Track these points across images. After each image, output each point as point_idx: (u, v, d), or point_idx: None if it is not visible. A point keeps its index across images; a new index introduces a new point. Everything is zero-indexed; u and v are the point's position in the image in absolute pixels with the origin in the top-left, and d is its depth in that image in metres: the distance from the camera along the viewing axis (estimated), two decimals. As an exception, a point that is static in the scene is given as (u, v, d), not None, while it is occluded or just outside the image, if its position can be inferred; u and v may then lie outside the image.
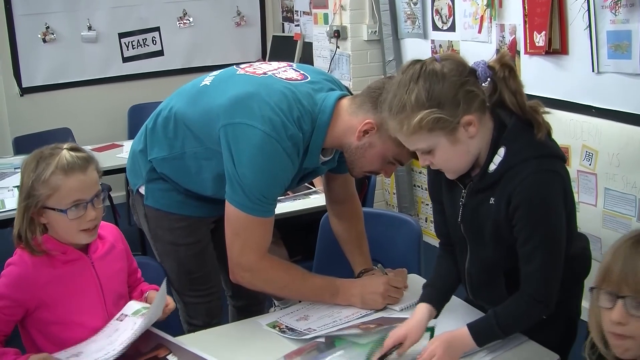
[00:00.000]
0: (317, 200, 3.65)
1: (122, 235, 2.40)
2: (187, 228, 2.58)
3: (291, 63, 2.55)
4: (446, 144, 1.96)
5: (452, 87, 1.93)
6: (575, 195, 3.68)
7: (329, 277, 2.44)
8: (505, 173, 1.99)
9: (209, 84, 2.42)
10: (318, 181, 3.88)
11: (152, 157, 2.51)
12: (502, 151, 2.01)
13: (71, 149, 2.16)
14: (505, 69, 2.02)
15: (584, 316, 2.36)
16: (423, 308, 2.19)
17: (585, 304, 2.41)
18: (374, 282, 2.42)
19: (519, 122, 2.02)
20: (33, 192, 2.08)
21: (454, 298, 2.35)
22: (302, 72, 2.44)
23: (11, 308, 2.08)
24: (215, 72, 2.48)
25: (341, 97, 2.36)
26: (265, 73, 2.37)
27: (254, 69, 2.42)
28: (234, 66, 2.48)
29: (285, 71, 2.42)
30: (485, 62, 2.03)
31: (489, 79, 2.02)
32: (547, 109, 2.08)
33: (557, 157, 2.05)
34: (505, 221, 2.02)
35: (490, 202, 2.04)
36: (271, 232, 2.35)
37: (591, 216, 3.77)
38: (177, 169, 2.48)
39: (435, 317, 2.20)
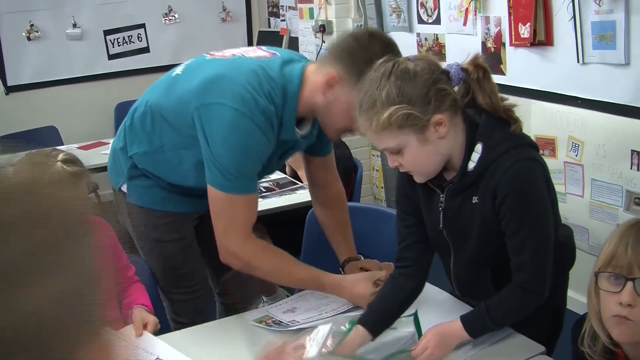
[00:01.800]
0: (303, 195, 3.65)
1: (111, 231, 2.38)
2: (172, 224, 2.57)
3: (261, 46, 2.54)
4: (415, 143, 1.95)
5: (423, 85, 1.93)
6: (562, 187, 3.76)
7: (316, 270, 2.41)
8: (486, 168, 1.99)
9: (180, 72, 2.42)
10: (304, 176, 3.88)
11: (133, 153, 2.50)
12: (479, 147, 2.00)
13: (65, 162, 2.12)
14: (479, 70, 2.03)
15: (570, 306, 2.38)
16: (359, 331, 2.11)
17: (573, 294, 2.43)
18: (361, 285, 2.36)
19: (490, 119, 2.03)
20: None
21: (440, 292, 2.35)
22: (272, 51, 2.43)
23: None
24: (186, 62, 2.48)
25: (309, 65, 2.37)
26: (234, 55, 2.37)
27: (223, 53, 2.41)
28: (204, 54, 2.47)
29: (254, 51, 2.42)
30: (459, 65, 2.03)
31: (461, 81, 2.02)
32: (511, 103, 2.09)
33: (533, 147, 2.07)
34: (493, 217, 2.02)
35: (474, 202, 2.03)
36: (254, 210, 2.33)
37: (578, 207, 3.77)
38: (158, 162, 2.47)
39: (372, 340, 2.13)
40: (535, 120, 3.93)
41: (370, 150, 5.65)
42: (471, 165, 2.01)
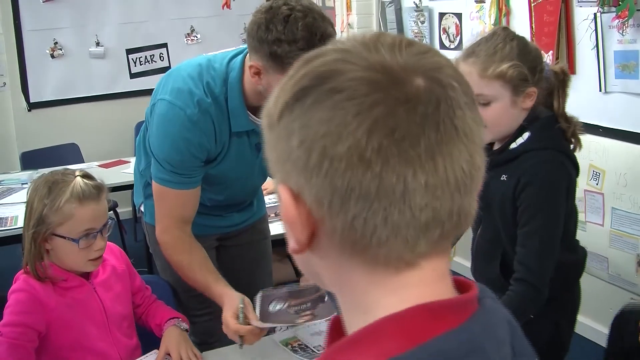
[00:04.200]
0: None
1: (123, 255, 2.40)
2: None
3: None
4: (507, 101, 2.15)
5: (534, 59, 2.16)
6: (582, 215, 3.74)
7: (221, 280, 2.34)
8: (522, 154, 2.17)
9: None
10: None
11: (142, 169, 2.51)
12: (526, 135, 2.19)
13: (84, 176, 2.15)
14: (565, 75, 2.29)
15: (587, 335, 2.37)
16: None
17: (591, 323, 2.42)
18: (227, 309, 2.24)
19: (552, 119, 2.22)
20: (44, 219, 2.06)
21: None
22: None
23: (28, 334, 2.06)
24: None
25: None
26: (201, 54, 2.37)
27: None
28: None
29: (228, 49, 2.38)
30: (548, 64, 2.29)
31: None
32: (582, 128, 2.32)
33: (571, 159, 2.23)
34: (510, 200, 2.17)
35: (502, 179, 2.19)
36: (185, 206, 2.32)
37: (598, 236, 3.75)
38: None
39: None
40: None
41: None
42: (513, 145, 2.20)
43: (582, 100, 3.70)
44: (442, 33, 4.81)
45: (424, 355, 0.72)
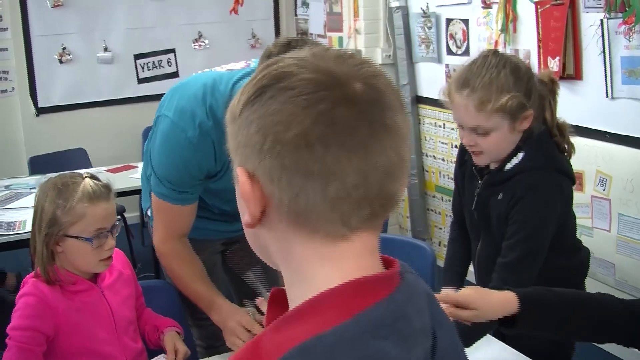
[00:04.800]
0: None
1: (128, 261, 2.42)
2: None
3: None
4: (505, 129, 2.14)
5: (528, 81, 2.14)
6: (589, 221, 3.75)
7: (216, 291, 2.38)
8: (516, 174, 2.18)
9: None
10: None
11: (149, 174, 2.51)
12: (520, 155, 2.19)
13: (92, 178, 2.17)
14: (553, 84, 2.26)
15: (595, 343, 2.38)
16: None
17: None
18: (230, 317, 2.29)
19: (544, 135, 2.21)
20: (57, 219, 2.08)
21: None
22: (252, 62, 2.39)
23: (36, 338, 2.07)
24: None
25: None
26: (212, 69, 2.37)
27: (209, 69, 2.40)
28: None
29: (234, 65, 2.39)
30: (535, 74, 2.24)
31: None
32: (572, 130, 2.30)
33: (567, 175, 2.23)
34: (505, 217, 2.20)
35: (499, 197, 2.22)
36: (183, 220, 2.35)
37: (605, 241, 3.76)
38: None
39: None
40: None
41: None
42: (508, 166, 2.21)
43: (588, 106, 3.72)
44: (449, 39, 4.81)
45: (359, 323, 0.85)
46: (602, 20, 3.51)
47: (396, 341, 0.86)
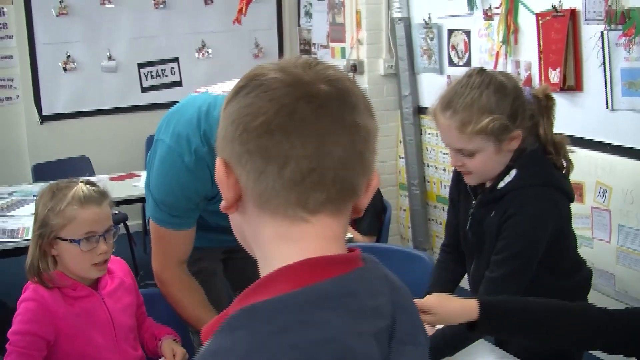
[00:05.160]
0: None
1: (130, 270, 2.44)
2: (189, 257, 2.58)
3: None
4: (491, 151, 2.10)
5: (514, 101, 2.08)
6: (589, 232, 3.76)
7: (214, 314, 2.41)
8: (509, 192, 2.14)
9: None
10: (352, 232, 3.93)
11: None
12: (513, 173, 2.15)
13: (87, 183, 2.21)
14: (549, 100, 2.19)
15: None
16: None
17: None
18: None
19: (538, 151, 2.16)
20: (48, 221, 2.12)
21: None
22: None
23: (36, 343, 2.10)
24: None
25: None
26: (207, 90, 2.38)
27: (207, 87, 2.42)
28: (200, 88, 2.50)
29: (229, 85, 2.41)
30: (530, 90, 2.19)
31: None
32: (572, 148, 2.25)
33: (562, 191, 2.19)
34: (497, 236, 2.16)
35: (492, 216, 2.18)
36: (181, 245, 2.37)
37: (605, 252, 3.77)
38: None
39: None
40: (564, 164, 3.95)
41: (398, 190, 5.68)
42: (501, 184, 2.17)
43: (589, 118, 3.74)
44: (450, 50, 4.84)
45: (305, 293, 0.94)
46: (602, 32, 3.53)
47: (341, 314, 0.94)
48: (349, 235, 3.78)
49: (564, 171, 2.24)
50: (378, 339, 0.97)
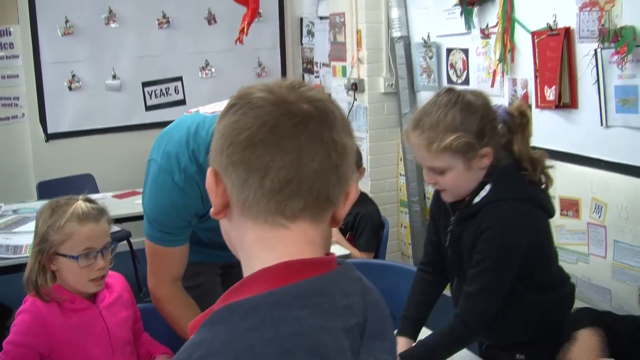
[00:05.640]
0: (334, 250, 3.71)
1: (127, 285, 2.48)
2: (186, 273, 2.62)
3: None
4: (461, 168, 2.12)
5: (481, 119, 2.11)
6: (585, 247, 3.79)
7: None
8: (483, 207, 2.16)
9: None
10: (334, 232, 3.96)
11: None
12: (487, 187, 2.17)
13: (86, 200, 2.27)
14: (523, 117, 2.22)
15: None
16: (402, 342, 2.34)
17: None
18: None
19: (512, 166, 2.18)
20: (47, 237, 2.18)
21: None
22: None
23: (27, 355, 2.14)
24: None
25: None
26: (198, 110, 2.42)
27: (199, 108, 2.45)
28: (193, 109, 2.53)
29: (220, 105, 2.41)
30: (504, 108, 2.22)
31: (503, 123, 2.20)
32: (551, 163, 2.25)
33: (537, 205, 2.20)
34: (473, 250, 2.17)
35: (468, 231, 2.20)
36: (174, 264, 2.41)
37: (601, 268, 3.79)
38: None
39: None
40: (560, 181, 3.97)
41: (399, 207, 5.72)
42: (476, 200, 2.18)
43: (584, 134, 3.78)
44: (449, 68, 4.90)
45: (280, 293, 1.04)
46: (596, 50, 3.57)
47: (313, 312, 1.04)
48: (346, 252, 3.83)
49: (542, 186, 2.26)
50: (349, 334, 1.06)
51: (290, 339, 1.00)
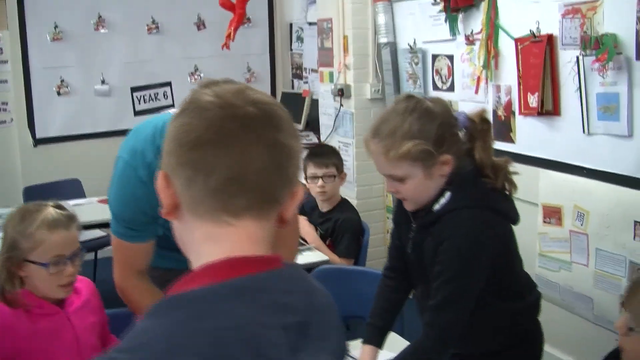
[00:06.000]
0: (308, 257, 3.71)
1: (96, 290, 2.47)
2: (158, 279, 2.61)
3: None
4: (420, 176, 2.10)
5: (440, 126, 2.09)
6: (567, 255, 3.77)
7: None
8: (443, 215, 2.13)
9: None
10: (314, 238, 3.95)
11: None
12: (447, 195, 2.15)
13: (56, 207, 2.25)
14: (484, 123, 2.19)
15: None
16: (367, 350, 2.35)
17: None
18: None
19: (472, 173, 2.16)
20: (16, 245, 2.16)
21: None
22: None
23: None
24: None
25: None
26: (169, 111, 2.37)
27: (171, 110, 2.46)
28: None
29: None
30: (465, 114, 2.19)
31: (464, 129, 2.18)
32: (515, 170, 2.20)
33: (498, 213, 2.18)
34: (435, 259, 2.15)
35: (429, 240, 2.18)
36: (139, 259, 2.39)
37: (583, 276, 3.78)
38: None
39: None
40: (543, 188, 3.97)
41: (386, 213, 5.70)
42: (436, 207, 2.16)
43: (566, 142, 3.77)
44: (435, 74, 4.88)
45: (219, 287, 1.08)
46: (577, 57, 3.56)
47: (252, 306, 1.07)
48: (325, 258, 3.82)
49: (507, 193, 2.24)
50: (288, 331, 1.09)
51: (225, 331, 1.04)
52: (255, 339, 1.05)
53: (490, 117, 2.26)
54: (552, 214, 3.90)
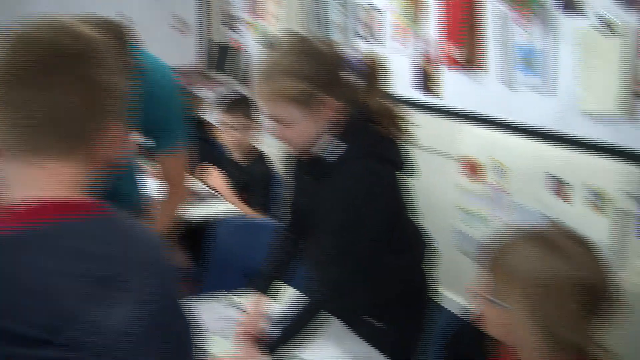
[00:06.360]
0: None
1: None
2: None
3: None
4: (301, 119, 2.01)
5: (325, 67, 2.00)
6: (486, 211, 3.75)
7: None
8: (333, 166, 2.05)
9: None
10: (228, 193, 3.89)
11: None
12: (336, 143, 2.06)
13: None
14: (376, 68, 2.11)
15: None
16: (255, 298, 2.31)
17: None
18: None
19: (362, 119, 2.08)
20: None
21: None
22: None
23: None
24: None
25: None
26: None
27: None
28: None
29: None
30: (359, 59, 2.10)
31: (359, 75, 2.10)
32: (405, 115, 2.16)
33: (387, 161, 2.11)
34: (327, 212, 2.09)
35: (321, 191, 2.10)
36: None
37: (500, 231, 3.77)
38: None
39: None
40: (465, 142, 3.95)
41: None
42: (327, 156, 2.07)
43: (489, 96, 3.72)
44: (364, 27, 4.79)
45: (18, 235, 1.04)
46: (501, 9, 3.50)
47: (48, 253, 1.04)
48: (239, 211, 3.77)
49: (398, 139, 2.17)
50: (85, 279, 1.05)
51: (14, 275, 1.02)
52: (46, 286, 1.02)
53: (383, 61, 2.16)
54: (473, 169, 3.88)
